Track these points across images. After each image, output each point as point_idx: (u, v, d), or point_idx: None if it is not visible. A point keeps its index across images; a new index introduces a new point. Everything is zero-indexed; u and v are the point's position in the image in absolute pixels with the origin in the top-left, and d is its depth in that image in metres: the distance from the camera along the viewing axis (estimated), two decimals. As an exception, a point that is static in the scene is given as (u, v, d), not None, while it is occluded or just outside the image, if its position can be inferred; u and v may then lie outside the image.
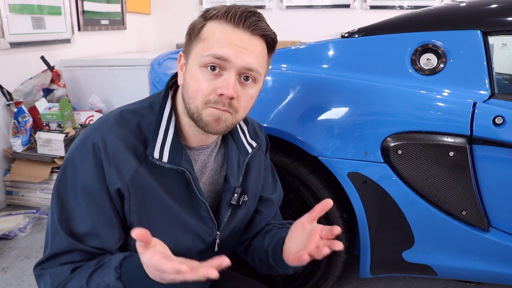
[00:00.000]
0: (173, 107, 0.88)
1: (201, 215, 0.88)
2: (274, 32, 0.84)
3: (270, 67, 0.91)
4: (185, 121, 0.86)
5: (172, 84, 0.90)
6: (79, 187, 0.80)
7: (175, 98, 0.89)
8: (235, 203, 0.93)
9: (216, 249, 0.94)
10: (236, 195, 0.93)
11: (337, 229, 0.79)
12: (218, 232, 0.92)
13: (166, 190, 0.84)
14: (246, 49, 0.79)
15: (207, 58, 0.78)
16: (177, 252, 0.86)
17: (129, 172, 0.80)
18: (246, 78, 0.81)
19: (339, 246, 0.78)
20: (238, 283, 1.07)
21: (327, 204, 0.83)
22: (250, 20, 0.78)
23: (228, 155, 0.95)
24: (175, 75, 0.90)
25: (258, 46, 0.81)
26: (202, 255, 0.91)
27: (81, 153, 0.81)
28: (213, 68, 0.78)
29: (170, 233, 0.86)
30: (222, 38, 0.78)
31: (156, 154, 0.81)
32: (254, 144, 0.99)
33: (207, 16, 0.81)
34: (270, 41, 0.84)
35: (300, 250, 0.82)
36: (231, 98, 0.79)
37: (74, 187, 0.80)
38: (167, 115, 0.85)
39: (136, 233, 0.63)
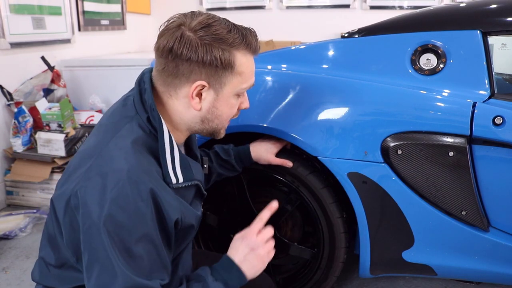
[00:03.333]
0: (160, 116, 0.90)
1: (201, 201, 1.02)
2: None
3: None
4: (185, 133, 0.95)
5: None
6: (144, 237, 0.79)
7: (158, 106, 0.89)
8: (207, 172, 1.13)
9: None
10: (205, 165, 1.11)
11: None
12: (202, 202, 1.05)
13: (187, 201, 0.92)
14: None
15: (245, 89, 0.91)
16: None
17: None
18: None
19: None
20: None
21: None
22: (259, 45, 0.90)
23: (190, 136, 1.03)
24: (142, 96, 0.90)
25: None
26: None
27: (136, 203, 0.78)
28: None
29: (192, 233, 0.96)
30: (252, 69, 0.90)
31: (174, 179, 0.86)
32: None
33: (232, 44, 0.84)
34: None
35: None
36: None
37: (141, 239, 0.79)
38: (168, 141, 0.86)
39: None
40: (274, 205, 0.97)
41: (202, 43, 0.81)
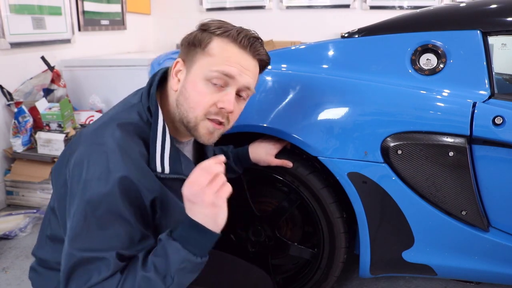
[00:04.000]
0: (161, 107, 0.91)
1: None
2: (269, 57, 0.96)
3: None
4: (178, 125, 0.92)
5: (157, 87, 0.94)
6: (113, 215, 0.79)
7: (163, 99, 0.93)
8: None
9: None
10: None
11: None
12: None
13: (174, 194, 0.89)
14: (248, 70, 0.89)
15: (215, 74, 0.86)
16: None
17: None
18: (241, 95, 0.92)
19: None
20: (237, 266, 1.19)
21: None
22: (255, 46, 0.89)
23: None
24: (159, 79, 0.94)
25: (256, 68, 0.93)
26: None
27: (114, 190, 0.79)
28: (216, 82, 0.87)
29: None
30: (231, 57, 0.87)
31: (159, 168, 0.86)
32: None
33: (214, 31, 0.88)
34: (264, 64, 0.96)
35: None
36: (230, 112, 0.88)
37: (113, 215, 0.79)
38: (161, 129, 0.88)
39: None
40: (221, 158, 0.84)
41: (195, 30, 0.90)
